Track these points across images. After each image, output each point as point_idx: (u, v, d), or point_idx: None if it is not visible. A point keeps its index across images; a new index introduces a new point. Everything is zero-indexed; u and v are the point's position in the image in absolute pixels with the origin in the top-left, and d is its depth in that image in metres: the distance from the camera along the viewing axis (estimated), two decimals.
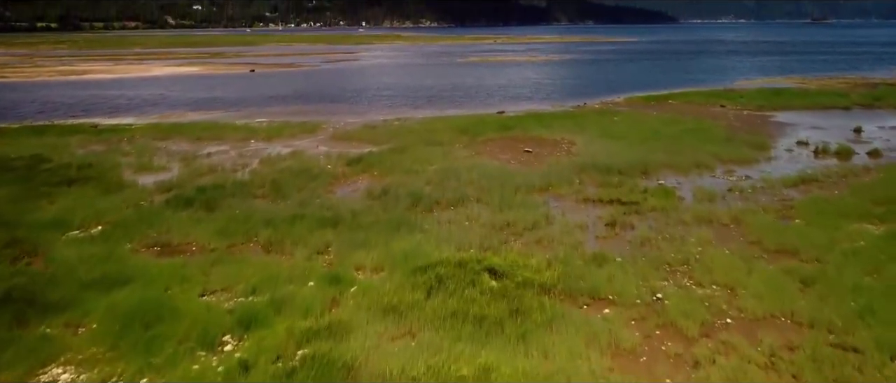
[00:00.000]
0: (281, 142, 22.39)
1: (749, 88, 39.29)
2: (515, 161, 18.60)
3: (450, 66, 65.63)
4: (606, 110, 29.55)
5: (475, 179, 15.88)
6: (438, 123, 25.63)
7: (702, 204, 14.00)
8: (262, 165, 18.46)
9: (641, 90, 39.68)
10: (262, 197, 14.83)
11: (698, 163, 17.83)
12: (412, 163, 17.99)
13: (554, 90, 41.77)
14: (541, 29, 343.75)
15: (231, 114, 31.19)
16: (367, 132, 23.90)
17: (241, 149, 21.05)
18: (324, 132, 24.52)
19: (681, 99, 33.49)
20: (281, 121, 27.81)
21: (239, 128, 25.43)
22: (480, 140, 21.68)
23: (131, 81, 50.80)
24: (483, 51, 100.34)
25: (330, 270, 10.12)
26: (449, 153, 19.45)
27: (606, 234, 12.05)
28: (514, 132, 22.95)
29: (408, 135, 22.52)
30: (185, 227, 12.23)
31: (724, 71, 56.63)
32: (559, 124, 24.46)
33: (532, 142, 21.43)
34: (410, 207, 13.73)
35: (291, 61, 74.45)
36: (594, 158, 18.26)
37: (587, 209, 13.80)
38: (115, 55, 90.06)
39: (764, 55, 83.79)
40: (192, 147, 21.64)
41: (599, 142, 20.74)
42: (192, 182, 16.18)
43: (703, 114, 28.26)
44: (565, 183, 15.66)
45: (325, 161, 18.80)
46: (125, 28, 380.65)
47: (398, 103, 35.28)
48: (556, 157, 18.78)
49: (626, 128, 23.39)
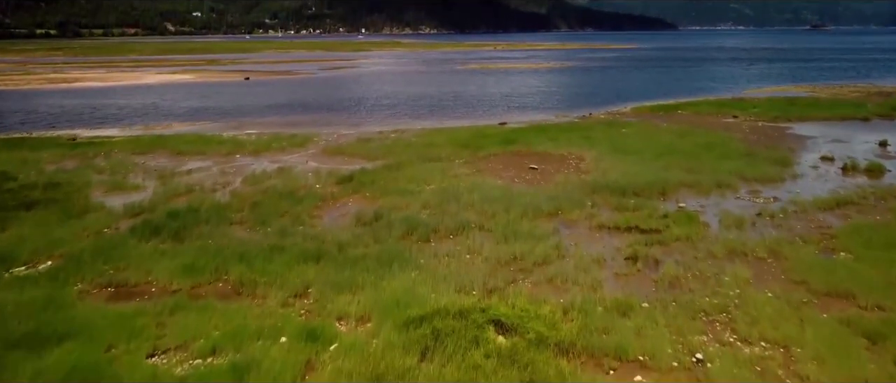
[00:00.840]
0: (268, 157, 20.91)
1: (759, 97, 37.90)
2: (520, 179, 17.11)
3: (449, 74, 64.28)
4: (614, 121, 28.10)
5: (476, 202, 14.39)
6: (437, 136, 24.17)
7: (730, 232, 12.51)
8: (245, 184, 16.97)
9: (648, 99, 38.27)
10: (241, 223, 13.33)
11: (720, 182, 16.34)
12: (408, 182, 16.51)
13: (557, 99, 40.38)
14: (540, 35, 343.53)
15: (220, 125, 29.73)
16: (360, 146, 22.43)
17: (225, 165, 19.56)
18: (315, 146, 23.05)
19: (691, 109, 32.05)
20: (271, 133, 26.36)
21: (225, 141, 23.96)
22: (482, 155, 20.20)
23: (122, 90, 49.39)
24: (483, 58, 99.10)
25: (307, 321, 8.61)
26: (448, 170, 17.96)
27: (628, 271, 10.54)
28: (518, 146, 21.48)
29: (404, 150, 21.05)
30: (148, 262, 10.72)
31: (730, 79, 55.29)
32: (565, 137, 23.00)
33: (537, 157, 19.95)
34: (404, 236, 12.23)
35: (288, 69, 73.12)
36: (606, 177, 16.78)
37: (603, 238, 12.30)
38: (111, 62, 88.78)
39: (768, 62, 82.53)
40: (173, 163, 20.16)
41: (610, 157, 19.25)
42: (166, 205, 14.68)
43: (715, 125, 26.81)
44: (576, 206, 14.17)
45: (314, 179, 17.31)
46: (124, 35, 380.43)
47: (395, 113, 33.84)
48: (564, 176, 17.29)
49: (638, 142, 21.91)
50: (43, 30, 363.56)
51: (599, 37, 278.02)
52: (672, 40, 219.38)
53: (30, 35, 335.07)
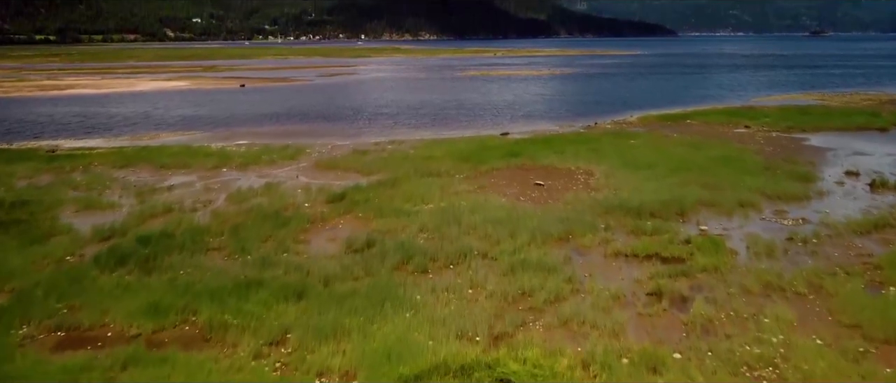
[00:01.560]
0: (256, 172, 19.66)
1: (769, 106, 36.71)
2: (526, 198, 15.85)
3: (449, 81, 63.16)
4: (621, 132, 26.88)
5: (479, 224, 13.13)
6: (436, 148, 22.94)
7: (762, 261, 11.25)
8: (229, 203, 15.71)
9: (654, 107, 37.08)
10: (219, 249, 12.06)
11: (741, 201, 15.08)
12: (404, 200, 15.26)
13: (560, 107, 39.19)
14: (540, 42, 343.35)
15: (209, 136, 28.50)
16: (355, 159, 21.19)
17: (209, 181, 18.30)
18: (307, 158, 21.81)
19: (700, 118, 30.84)
20: (261, 144, 25.12)
21: (212, 153, 22.72)
22: (484, 170, 18.95)
23: (115, 97, 48.21)
24: (483, 64, 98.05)
25: (283, 377, 7.34)
26: (448, 187, 16.71)
27: (652, 311, 9.27)
28: (522, 160, 20.23)
29: (401, 164, 19.80)
30: (107, 299, 9.46)
31: (736, 87, 54.15)
32: (572, 150, 21.76)
33: (543, 172, 18.71)
34: (399, 266, 10.97)
35: (285, 75, 72.00)
36: (619, 195, 15.54)
37: (620, 268, 11.03)
38: (107, 69, 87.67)
39: (772, 69, 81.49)
40: (154, 177, 18.90)
41: (621, 173, 18.00)
42: (139, 227, 13.42)
43: (727, 136, 25.59)
44: (588, 229, 12.90)
45: (303, 197, 16.06)
46: (124, 40, 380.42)
47: (393, 123, 32.62)
48: (573, 193, 16.03)
49: (649, 155, 20.67)
50: (42, 36, 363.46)
51: (599, 43, 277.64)
52: (672, 46, 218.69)
53: (29, 41, 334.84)
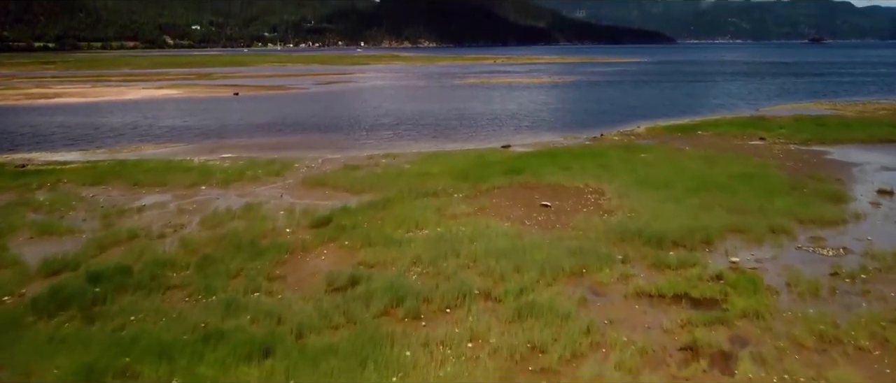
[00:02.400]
0: (238, 190, 18.11)
1: (781, 116, 35.26)
2: (531, 222, 14.29)
3: (448, 89, 61.76)
4: (630, 144, 25.36)
5: (480, 256, 11.57)
6: (433, 163, 21.41)
7: (808, 303, 9.69)
8: (202, 227, 14.15)
9: (662, 117, 35.64)
10: (181, 286, 10.48)
11: (772, 226, 13.52)
12: (396, 226, 13.69)
13: (564, 117, 37.70)
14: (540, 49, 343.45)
15: (194, 148, 26.98)
16: (346, 175, 19.64)
17: (184, 201, 16.74)
18: (294, 174, 20.26)
19: (711, 129, 29.34)
20: (247, 158, 23.60)
21: (193, 168, 21.17)
22: (484, 189, 17.39)
23: (104, 106, 46.76)
24: (483, 71, 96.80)
25: None
26: (445, 209, 15.15)
27: (690, 373, 7.69)
28: (526, 176, 18.68)
29: (395, 181, 18.25)
30: (33, 359, 7.87)
31: (743, 95, 52.75)
32: (579, 165, 20.22)
33: (549, 191, 17.16)
34: (388, 311, 9.40)
35: (281, 83, 70.62)
36: (635, 219, 13.98)
37: (645, 313, 9.46)
38: (100, 76, 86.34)
39: (777, 77, 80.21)
40: (125, 197, 17.34)
41: (635, 192, 16.45)
42: (95, 259, 11.85)
43: (744, 149, 24.08)
44: (604, 262, 11.34)
45: (285, 220, 14.50)
46: (123, 48, 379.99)
47: (388, 133, 31.11)
48: (584, 217, 14.47)
49: (663, 172, 19.13)
50: (41, 43, 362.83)
51: (599, 50, 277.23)
52: (673, 54, 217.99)
53: (28, 48, 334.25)
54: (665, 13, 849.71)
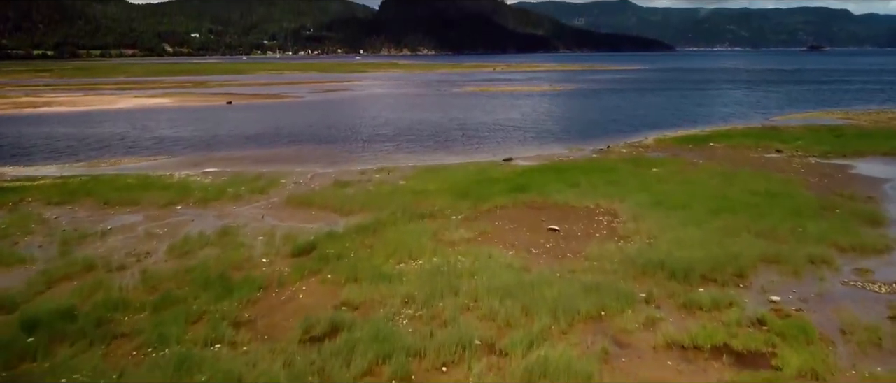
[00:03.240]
0: (216, 210, 16.58)
1: (793, 125, 33.85)
2: (539, 250, 12.75)
3: (447, 98, 60.39)
4: (640, 158, 23.87)
5: (482, 294, 10.03)
6: (430, 178, 19.90)
7: (873, 359, 8.16)
8: (169, 256, 12.60)
9: (669, 128, 34.20)
10: (129, 336, 8.91)
11: (810, 255, 12.00)
12: (387, 255, 12.15)
13: (567, 127, 36.22)
14: (539, 56, 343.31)
15: (177, 162, 25.48)
16: (335, 193, 18.12)
17: (156, 224, 15.20)
18: (280, 191, 18.74)
19: (724, 141, 27.86)
20: (232, 172, 22.11)
21: (172, 185, 19.64)
22: (486, 209, 15.87)
23: (92, 116, 45.28)
24: (482, 79, 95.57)
25: None
26: (442, 234, 13.62)
27: None
28: (531, 195, 17.15)
29: (388, 200, 16.72)
30: None
31: (751, 103, 51.39)
32: (587, 181, 18.70)
33: (557, 212, 15.63)
34: (372, 369, 7.86)
35: (277, 92, 69.24)
36: (655, 247, 12.45)
37: (681, 374, 7.90)
38: (94, 84, 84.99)
39: (781, 84, 79.00)
40: (92, 218, 15.80)
41: (652, 214, 14.92)
42: (40, 297, 10.31)
43: (761, 163, 22.60)
44: (626, 302, 9.80)
45: (263, 248, 12.97)
46: (122, 56, 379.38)
47: (384, 145, 29.62)
48: (597, 244, 12.93)
49: (679, 189, 17.61)
50: (40, 51, 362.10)
51: (599, 58, 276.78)
52: (673, 61, 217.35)
53: (27, 56, 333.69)
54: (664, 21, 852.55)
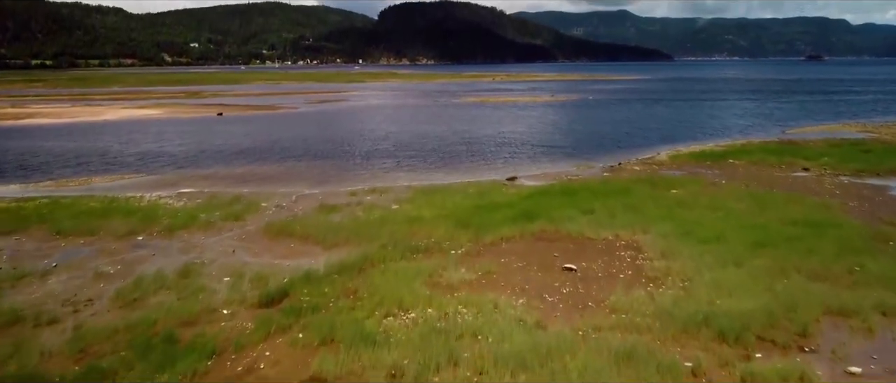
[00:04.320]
0: (183, 241, 14.55)
1: (812, 140, 31.94)
2: (554, 296, 10.72)
3: (446, 109, 58.50)
4: (656, 176, 21.88)
5: (488, 366, 8.01)
6: (426, 202, 17.90)
7: None
8: (112, 306, 10.57)
9: (681, 142, 32.28)
10: None
11: (880, 305, 10.01)
12: (372, 306, 10.12)
13: (573, 141, 34.23)
14: (539, 66, 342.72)
15: (152, 180, 23.49)
16: (319, 220, 16.10)
17: (109, 259, 13.16)
18: (258, 217, 16.72)
19: (743, 157, 25.89)
20: (209, 193, 20.12)
21: (138, 209, 17.62)
22: (489, 242, 13.85)
23: (76, 128, 43.30)
24: (482, 89, 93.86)
25: None
26: (439, 277, 11.59)
27: None
28: (540, 223, 15.13)
29: (378, 230, 14.70)
30: None
31: (761, 115, 49.54)
32: (602, 205, 16.70)
33: (572, 246, 13.61)
34: None
35: (271, 102, 67.34)
36: (692, 293, 10.44)
37: None
38: (85, 95, 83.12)
39: (790, 95, 77.31)
40: (39, 252, 13.77)
41: (681, 248, 12.90)
42: None
43: (790, 184, 20.62)
44: (669, 376, 7.77)
45: (227, 293, 10.94)
46: (121, 65, 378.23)
47: (377, 162, 27.63)
48: (622, 289, 10.90)
49: (707, 217, 15.61)
50: (39, 61, 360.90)
51: (599, 67, 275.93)
52: (674, 71, 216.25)
53: (25, 66, 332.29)
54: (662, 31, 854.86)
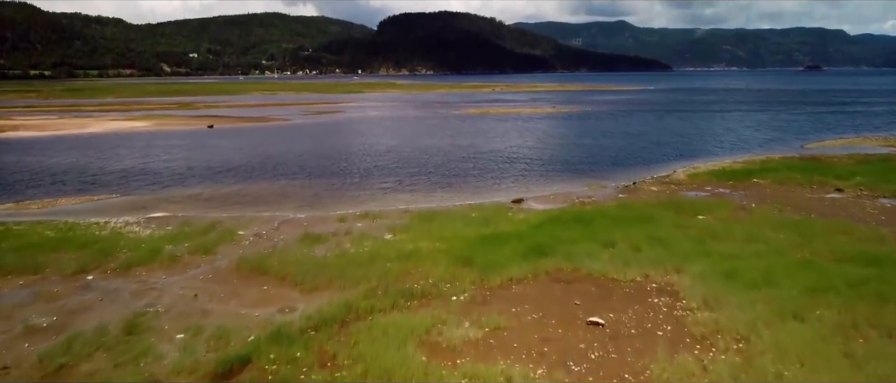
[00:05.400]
0: (139, 281, 12.45)
1: (836, 155, 29.93)
2: (581, 365, 8.60)
3: (446, 120, 56.54)
4: (677, 199, 19.80)
5: None
6: (423, 231, 15.80)
7: None
8: (33, 374, 8.46)
9: (697, 157, 30.28)
10: None
11: None
12: (355, 380, 8.00)
13: (581, 156, 32.14)
14: (538, 76, 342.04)
15: (122, 203, 21.43)
16: (300, 254, 13.99)
17: (47, 307, 11.06)
18: (232, 249, 14.62)
19: (768, 175, 23.82)
20: (182, 218, 18.05)
21: (96, 239, 15.50)
22: (497, 284, 11.75)
23: (58, 142, 41.26)
24: (483, 100, 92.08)
25: None
26: (437, 338, 9.49)
27: None
28: (555, 260, 13.01)
29: (366, 270, 12.59)
30: None
31: (777, 127, 47.58)
32: (623, 237, 14.60)
33: (594, 287, 11.51)
34: None
35: (265, 114, 65.40)
36: (752, 359, 8.36)
37: None
38: (75, 106, 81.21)
39: (801, 105, 75.55)
40: None
41: (726, 294, 10.79)
42: None
43: (827, 208, 18.55)
44: None
45: (177, 357, 8.85)
46: (120, 76, 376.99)
47: (371, 180, 25.57)
48: (665, 352, 8.79)
49: (746, 251, 13.50)
50: (37, 71, 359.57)
51: (598, 78, 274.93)
52: (675, 81, 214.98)
53: (24, 76, 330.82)
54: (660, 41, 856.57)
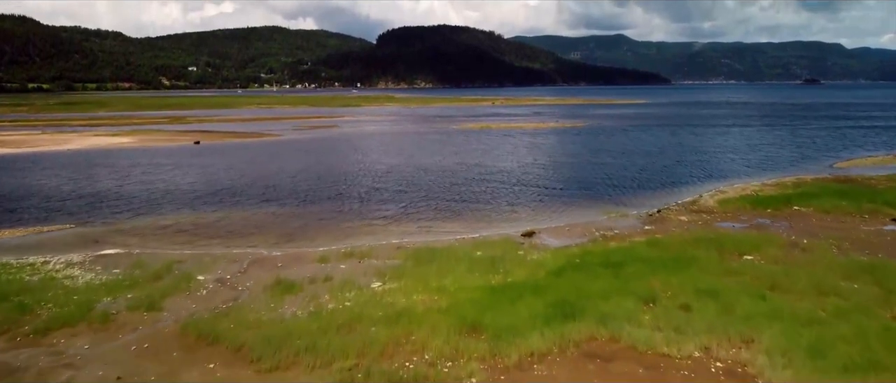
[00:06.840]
0: (54, 352, 9.70)
1: (875, 177, 27.35)
2: None
3: (446, 136, 53.91)
4: (713, 233, 17.03)
5: None
6: (419, 280, 13.02)
7: None
8: None
9: (723, 179, 27.69)
10: None
11: None
12: None
13: (594, 177, 29.37)
14: (537, 90, 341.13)
15: (72, 235, 18.68)
16: (265, 314, 11.21)
17: None
18: (183, 303, 11.84)
19: (808, 202, 21.11)
20: (135, 257, 15.30)
21: (21, 288, 12.70)
22: (513, 366, 8.92)
23: (30, 160, 38.57)
24: (483, 114, 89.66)
25: None
26: None
27: None
28: (586, 325, 10.21)
29: (344, 341, 9.79)
30: None
31: (799, 144, 44.94)
32: (663, 285, 11.86)
33: (642, 369, 8.72)
34: None
35: (257, 129, 62.82)
36: None
37: None
38: (62, 121, 78.69)
39: (814, 120, 73.17)
40: None
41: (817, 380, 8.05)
42: None
43: (893, 246, 15.82)
44: None
45: None
46: (119, 89, 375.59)
47: (362, 210, 22.79)
48: None
49: (823, 312, 10.76)
50: (35, 84, 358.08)
51: (598, 91, 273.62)
52: (677, 95, 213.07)
53: (22, 89, 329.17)
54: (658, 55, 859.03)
